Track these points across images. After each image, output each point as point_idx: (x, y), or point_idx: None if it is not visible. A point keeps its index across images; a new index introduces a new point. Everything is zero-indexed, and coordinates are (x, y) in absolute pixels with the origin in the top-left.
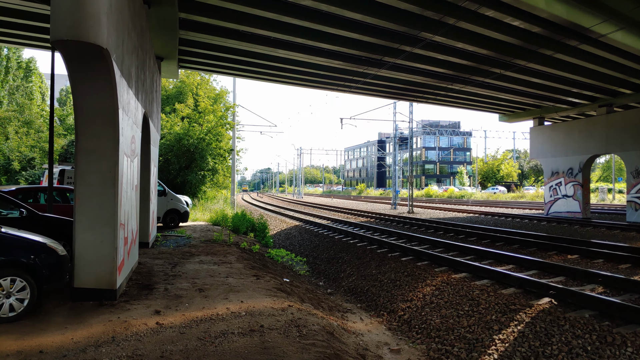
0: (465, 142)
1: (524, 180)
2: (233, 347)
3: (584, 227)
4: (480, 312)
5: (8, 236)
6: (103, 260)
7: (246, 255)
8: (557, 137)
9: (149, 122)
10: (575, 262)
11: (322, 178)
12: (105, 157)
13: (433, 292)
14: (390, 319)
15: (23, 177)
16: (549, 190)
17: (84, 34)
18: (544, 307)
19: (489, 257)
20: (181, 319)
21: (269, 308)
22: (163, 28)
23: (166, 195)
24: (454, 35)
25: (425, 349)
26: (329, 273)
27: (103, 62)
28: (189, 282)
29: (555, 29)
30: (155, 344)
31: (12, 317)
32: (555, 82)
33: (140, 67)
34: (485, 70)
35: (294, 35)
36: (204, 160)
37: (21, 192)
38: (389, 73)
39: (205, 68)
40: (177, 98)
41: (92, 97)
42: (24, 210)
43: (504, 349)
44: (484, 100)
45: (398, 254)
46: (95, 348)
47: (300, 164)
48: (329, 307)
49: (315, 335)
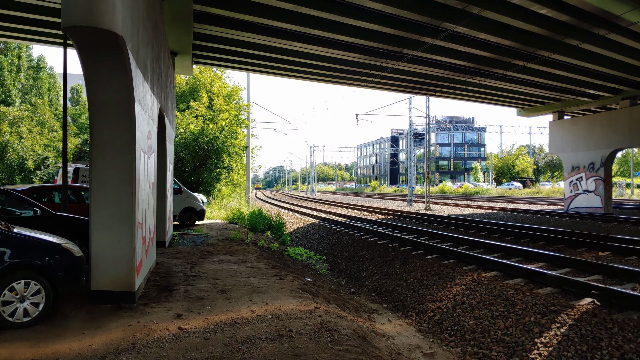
0: (479, 138)
1: (540, 176)
2: (262, 355)
3: (608, 223)
4: (517, 313)
5: (21, 237)
6: (120, 261)
7: (265, 254)
8: (578, 131)
9: (165, 118)
10: (607, 259)
11: (335, 175)
12: (122, 153)
13: (464, 291)
14: (419, 320)
15: (37, 176)
16: (570, 186)
17: (98, 19)
18: (587, 309)
19: (517, 254)
20: (204, 324)
21: (296, 310)
22: (177, 21)
23: (182, 194)
24: (477, 26)
25: (461, 353)
26: (351, 272)
27: (118, 50)
28: (210, 282)
29: (583, 18)
30: (179, 351)
31: (27, 322)
32: (579, 74)
33: (155, 60)
34: (507, 63)
35: (311, 27)
36: (219, 158)
37: (35, 191)
38: (407, 66)
39: (219, 63)
40: (192, 95)
41: (107, 88)
42: (38, 209)
43: (547, 353)
44: (503, 94)
45: (422, 252)
46: (115, 356)
47: (314, 161)
48: (355, 307)
49: (347, 340)
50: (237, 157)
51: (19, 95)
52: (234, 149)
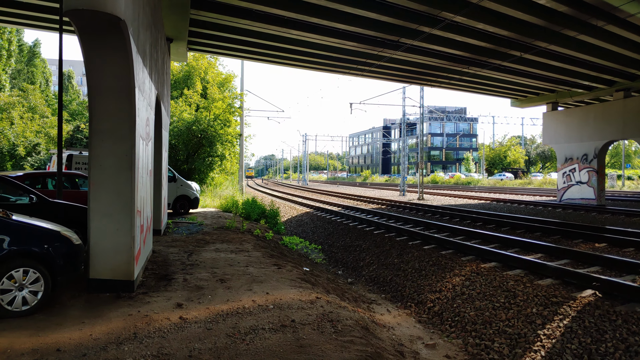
0: (471, 128)
1: (531, 167)
2: (266, 345)
3: (602, 215)
4: (518, 305)
5: (20, 224)
6: (120, 250)
7: (262, 243)
8: (571, 122)
9: (161, 104)
10: (605, 250)
11: (327, 165)
12: (122, 140)
13: (463, 282)
14: (419, 311)
15: (28, 162)
16: (563, 177)
17: (101, 3)
18: (589, 300)
19: (514, 245)
20: (206, 313)
21: (297, 300)
22: (174, 7)
23: (176, 181)
24: (476, 15)
25: (462, 344)
26: (347, 261)
27: (120, 35)
28: (208, 271)
29: (582, 8)
30: (181, 342)
31: (26, 311)
32: (574, 65)
33: (153, 45)
34: (504, 53)
35: (309, 14)
36: (212, 147)
37: (29, 178)
38: (404, 55)
39: (215, 50)
40: (185, 83)
41: (108, 73)
42: (34, 196)
43: (551, 345)
44: (498, 84)
45: (419, 242)
46: (117, 346)
47: (306, 150)
48: (354, 298)
49: (351, 331)
50: (230, 145)
51: (8, 80)
52: (227, 137)
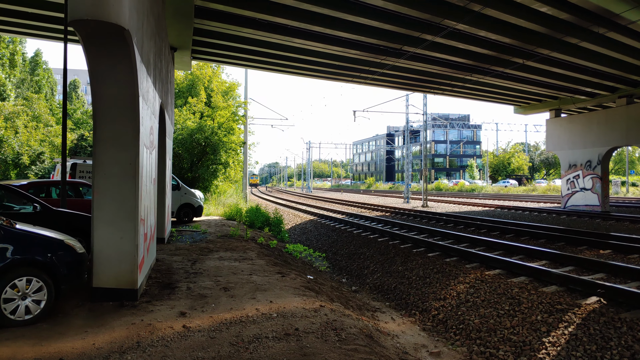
0: (474, 135)
1: (535, 174)
2: (270, 354)
3: (606, 221)
4: (523, 312)
5: (24, 233)
6: (123, 258)
7: (265, 251)
8: (574, 129)
9: (165, 113)
10: (609, 257)
11: (331, 172)
12: (126, 148)
13: (467, 289)
14: (423, 319)
15: (32, 171)
16: (567, 183)
17: (105, 13)
18: (594, 307)
19: (519, 252)
20: (209, 322)
21: (301, 309)
22: (178, 16)
23: (180, 190)
24: (478, 23)
25: (467, 352)
26: (351, 269)
27: (124, 44)
28: (212, 280)
29: (583, 16)
30: (185, 351)
31: (29, 320)
32: (576, 72)
33: (157, 54)
34: (506, 60)
35: (312, 23)
36: (216, 155)
37: (33, 187)
38: (407, 63)
39: (218, 59)
40: (189, 91)
41: (112, 83)
42: (38, 205)
43: (556, 353)
44: (501, 91)
45: (423, 249)
46: (120, 355)
47: (309, 157)
48: (358, 306)
49: (355, 339)
50: (234, 153)
51: (13, 90)
52: (231, 145)
